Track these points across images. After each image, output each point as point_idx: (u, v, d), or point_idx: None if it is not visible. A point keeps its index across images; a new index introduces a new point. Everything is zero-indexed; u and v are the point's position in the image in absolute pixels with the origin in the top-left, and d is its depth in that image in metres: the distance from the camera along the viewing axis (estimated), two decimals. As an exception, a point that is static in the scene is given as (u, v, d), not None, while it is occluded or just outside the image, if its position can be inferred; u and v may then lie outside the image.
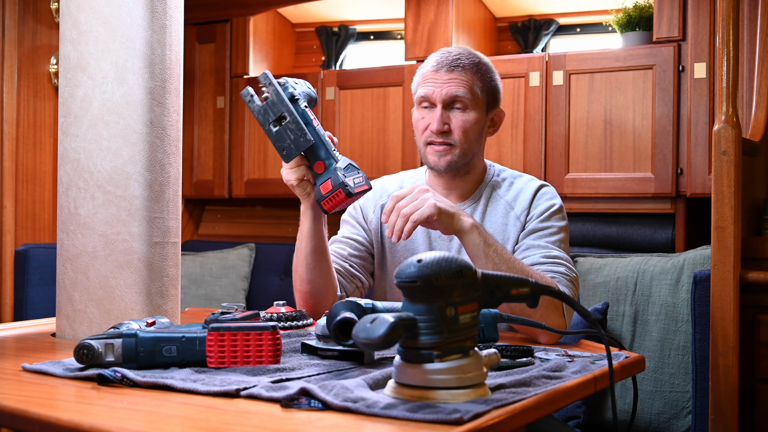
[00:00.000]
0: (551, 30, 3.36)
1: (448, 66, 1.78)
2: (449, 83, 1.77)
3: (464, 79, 1.77)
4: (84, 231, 1.54)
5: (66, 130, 1.57)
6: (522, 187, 1.84)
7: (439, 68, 1.79)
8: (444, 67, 1.78)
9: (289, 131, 1.56)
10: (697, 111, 2.67)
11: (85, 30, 1.54)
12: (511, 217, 1.81)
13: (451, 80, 1.77)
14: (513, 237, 1.79)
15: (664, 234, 2.77)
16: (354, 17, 3.74)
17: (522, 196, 1.82)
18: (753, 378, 2.12)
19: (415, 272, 0.99)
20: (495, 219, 1.82)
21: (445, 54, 1.81)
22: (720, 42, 2.11)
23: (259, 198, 3.68)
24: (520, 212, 1.80)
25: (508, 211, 1.82)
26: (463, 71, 1.78)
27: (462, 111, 1.78)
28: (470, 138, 1.78)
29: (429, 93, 1.78)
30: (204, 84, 3.70)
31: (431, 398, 0.98)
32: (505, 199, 1.83)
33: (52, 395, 1.10)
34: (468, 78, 1.78)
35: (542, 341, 1.59)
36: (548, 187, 1.86)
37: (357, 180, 1.59)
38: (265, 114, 1.57)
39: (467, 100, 1.77)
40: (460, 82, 1.77)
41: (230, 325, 1.20)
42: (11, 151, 3.27)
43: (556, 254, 1.72)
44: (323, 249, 1.72)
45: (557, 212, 1.80)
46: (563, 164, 2.89)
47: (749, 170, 2.26)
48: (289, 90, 1.58)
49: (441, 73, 1.78)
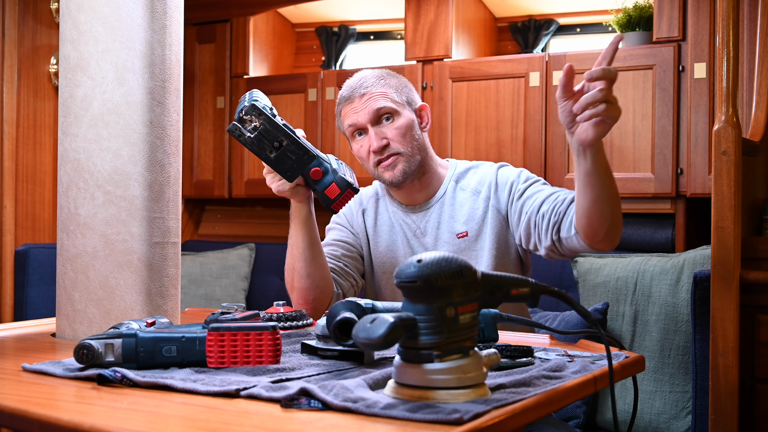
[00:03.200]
0: (551, 30, 3.36)
1: (357, 92, 1.84)
2: (367, 103, 1.83)
3: (378, 94, 1.83)
4: (84, 231, 1.54)
5: (66, 130, 1.57)
6: (484, 172, 1.90)
7: (352, 98, 1.85)
8: (355, 94, 1.85)
9: (289, 153, 1.56)
10: (697, 111, 2.67)
11: (85, 30, 1.54)
12: (480, 199, 1.86)
13: (367, 101, 1.83)
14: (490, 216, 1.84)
15: (664, 234, 2.77)
16: (354, 17, 3.74)
17: (486, 179, 1.88)
18: (753, 378, 2.12)
19: (415, 272, 0.99)
20: (464, 208, 1.87)
21: (350, 84, 1.87)
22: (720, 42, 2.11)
23: (259, 198, 3.68)
24: (488, 193, 1.85)
25: (475, 196, 1.87)
26: (372, 88, 1.84)
27: (391, 120, 1.83)
28: (410, 140, 1.84)
29: (355, 121, 1.84)
30: (204, 84, 3.70)
31: (431, 398, 0.98)
32: (470, 187, 1.89)
33: (52, 395, 1.10)
34: (380, 91, 1.84)
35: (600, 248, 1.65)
36: (506, 165, 1.92)
37: (350, 173, 1.64)
38: (260, 144, 1.55)
39: (390, 108, 1.83)
40: (375, 97, 1.83)
41: (230, 325, 1.20)
42: (11, 151, 3.27)
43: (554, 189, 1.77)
44: (318, 242, 1.76)
45: (525, 173, 1.86)
46: (563, 164, 2.89)
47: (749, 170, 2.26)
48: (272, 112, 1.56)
49: (355, 101, 1.84)
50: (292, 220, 1.74)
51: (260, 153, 1.55)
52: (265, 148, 1.55)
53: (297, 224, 1.73)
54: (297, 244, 1.74)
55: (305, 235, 1.72)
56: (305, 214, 1.72)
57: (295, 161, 1.57)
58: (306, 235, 1.72)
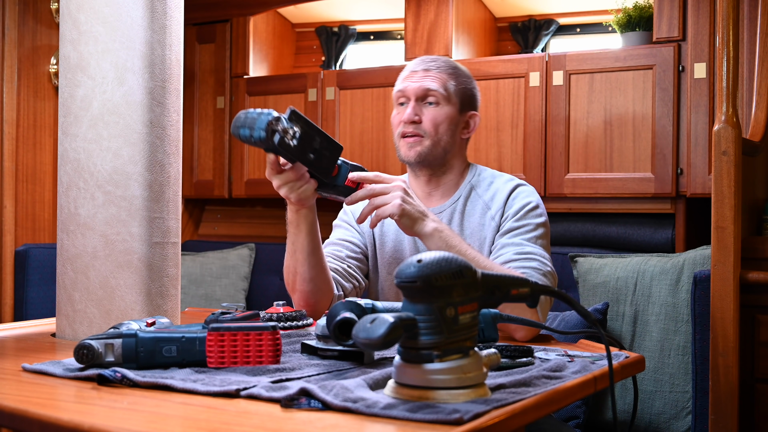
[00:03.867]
0: (551, 30, 3.36)
1: (424, 66, 1.86)
2: (423, 79, 1.84)
3: (438, 77, 1.85)
4: (84, 231, 1.54)
5: (66, 130, 1.57)
6: (499, 187, 1.86)
7: (416, 68, 1.87)
8: (420, 67, 1.86)
9: (324, 150, 1.53)
10: (697, 111, 2.67)
11: (85, 30, 1.54)
12: (487, 217, 1.83)
13: (426, 75, 1.85)
14: (489, 237, 1.81)
15: (664, 234, 2.77)
16: (354, 17, 3.74)
17: (498, 196, 1.84)
18: (753, 378, 2.12)
19: (414, 272, 0.99)
20: (473, 219, 1.84)
21: (423, 58, 1.90)
22: (720, 42, 2.11)
23: (259, 198, 3.68)
24: (495, 212, 1.82)
25: (485, 211, 1.84)
26: (438, 71, 1.85)
27: (435, 105, 1.84)
28: (440, 131, 1.83)
29: (404, 87, 1.86)
30: (204, 84, 3.70)
31: (431, 398, 0.98)
32: (483, 199, 1.86)
33: (52, 395, 1.10)
34: (442, 76, 1.85)
35: (518, 337, 1.62)
36: (525, 186, 1.87)
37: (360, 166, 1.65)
38: (302, 149, 1.49)
39: (439, 94, 1.83)
40: (433, 78, 1.84)
41: (230, 325, 1.20)
42: (11, 151, 3.27)
43: (529, 250, 1.73)
44: (321, 246, 1.74)
45: (533, 209, 1.81)
46: (563, 164, 2.89)
47: (749, 170, 2.26)
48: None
49: (418, 72, 1.86)
50: (297, 225, 1.70)
51: (302, 156, 1.50)
52: (306, 150, 1.51)
53: (303, 230, 1.70)
54: (301, 249, 1.72)
55: (311, 241, 1.70)
56: (311, 220, 1.69)
57: (329, 156, 1.54)
58: (312, 241, 1.70)
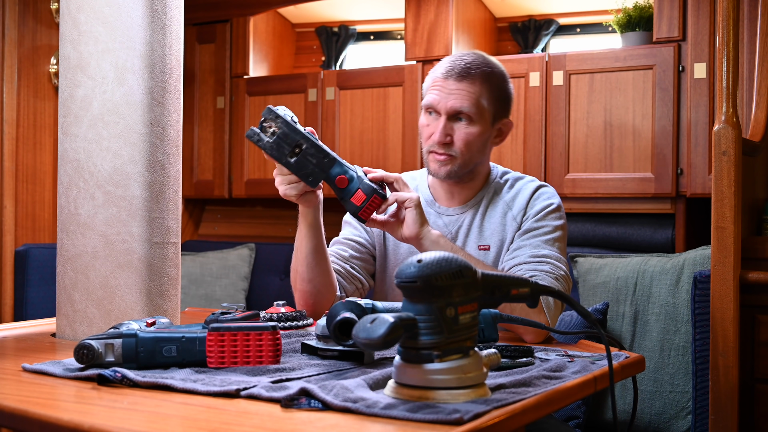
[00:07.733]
0: (551, 30, 3.36)
1: (458, 74, 1.76)
2: (456, 94, 1.75)
3: (471, 92, 1.75)
4: (84, 231, 1.54)
5: (66, 130, 1.57)
6: (521, 188, 1.84)
7: (449, 76, 1.76)
8: (453, 74, 1.76)
9: (309, 156, 1.53)
10: (697, 111, 2.67)
11: (85, 30, 1.54)
12: (508, 217, 1.81)
13: (458, 90, 1.75)
14: (509, 238, 1.80)
15: (664, 234, 2.77)
16: (354, 17, 3.74)
17: (520, 196, 1.83)
18: (753, 378, 2.12)
19: (415, 272, 0.99)
20: (494, 220, 1.82)
21: (457, 61, 1.79)
22: (720, 42, 2.11)
23: (259, 198, 3.68)
24: (517, 213, 1.81)
25: (506, 211, 1.82)
26: (471, 82, 1.76)
27: (466, 124, 1.76)
28: (472, 150, 1.78)
29: (435, 102, 1.77)
30: (204, 84, 3.70)
31: (431, 398, 0.98)
32: (504, 200, 1.84)
33: (52, 395, 1.10)
34: (476, 90, 1.76)
35: (528, 340, 1.61)
36: (546, 188, 1.86)
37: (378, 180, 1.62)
38: (279, 148, 1.52)
39: (472, 113, 1.75)
40: (466, 94, 1.75)
41: (230, 325, 1.20)
42: (11, 151, 3.27)
43: (544, 253, 1.72)
44: (323, 248, 1.73)
45: (553, 211, 1.80)
46: (563, 164, 2.89)
47: (749, 170, 2.26)
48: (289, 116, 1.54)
49: (449, 81, 1.76)
50: (299, 223, 1.71)
51: (280, 158, 1.52)
52: (285, 152, 1.52)
53: (302, 229, 1.70)
54: (301, 248, 1.72)
55: (309, 241, 1.70)
56: (311, 220, 1.69)
57: (316, 165, 1.53)
58: (310, 241, 1.70)
